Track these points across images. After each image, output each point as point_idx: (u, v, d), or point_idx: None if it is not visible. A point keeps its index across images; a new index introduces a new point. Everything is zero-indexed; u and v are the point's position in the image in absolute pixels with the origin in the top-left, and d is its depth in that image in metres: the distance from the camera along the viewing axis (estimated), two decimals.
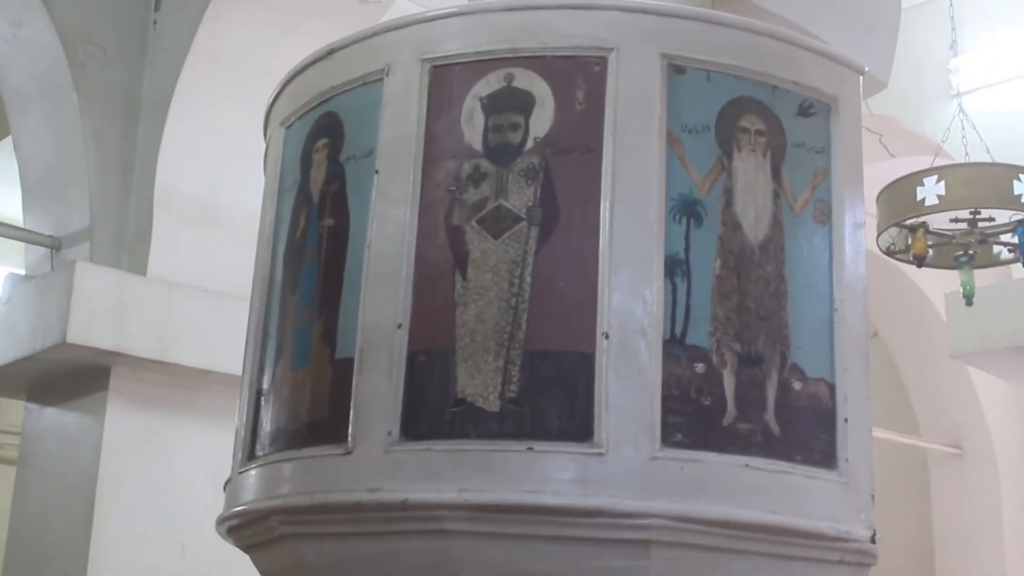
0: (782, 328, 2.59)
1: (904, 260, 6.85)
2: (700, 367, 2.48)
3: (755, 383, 2.53)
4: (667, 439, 2.41)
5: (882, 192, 6.51)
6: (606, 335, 2.44)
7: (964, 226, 6.55)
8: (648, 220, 2.52)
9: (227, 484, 2.96)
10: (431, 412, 2.48)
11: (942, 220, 6.64)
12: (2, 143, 8.05)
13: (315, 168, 2.88)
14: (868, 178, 2.87)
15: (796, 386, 2.58)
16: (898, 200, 6.37)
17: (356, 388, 2.55)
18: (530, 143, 2.60)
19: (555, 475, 2.38)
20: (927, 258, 6.60)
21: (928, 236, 6.52)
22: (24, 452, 6.80)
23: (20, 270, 7.01)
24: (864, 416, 2.65)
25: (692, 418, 2.45)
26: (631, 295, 2.47)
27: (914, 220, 6.47)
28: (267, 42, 6.41)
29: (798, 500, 2.50)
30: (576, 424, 2.41)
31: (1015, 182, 6.09)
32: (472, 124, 2.64)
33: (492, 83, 2.67)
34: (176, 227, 6.38)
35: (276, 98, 3.14)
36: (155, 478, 6.22)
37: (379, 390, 2.52)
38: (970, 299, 6.61)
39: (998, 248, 6.75)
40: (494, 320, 2.49)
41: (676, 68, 2.65)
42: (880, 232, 6.65)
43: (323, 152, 2.87)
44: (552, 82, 2.63)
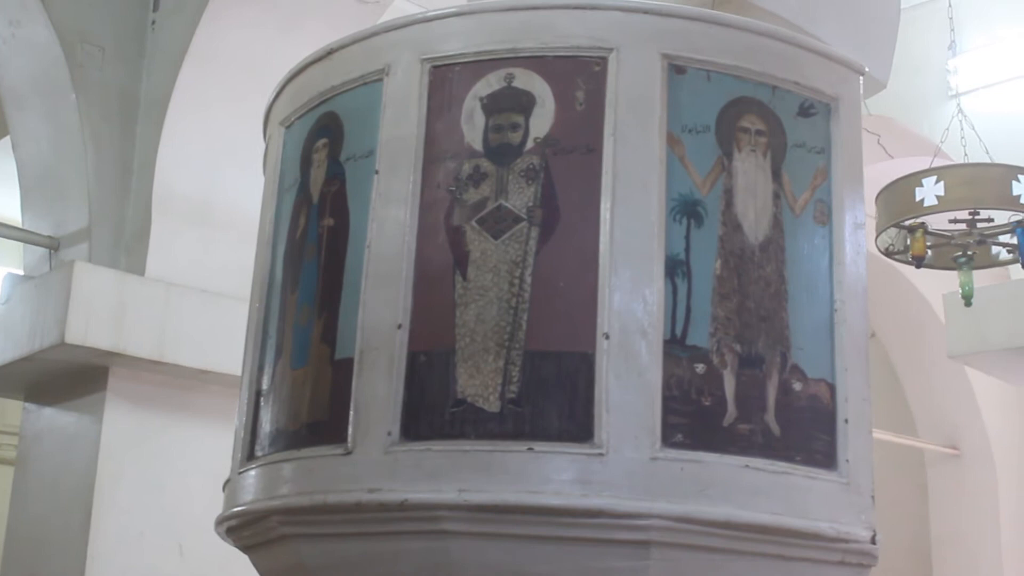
0: (782, 329, 2.59)
1: (903, 261, 6.84)
2: (700, 368, 2.48)
3: (755, 384, 2.53)
4: (667, 440, 2.41)
5: (880, 193, 6.50)
6: (606, 335, 2.44)
7: (963, 227, 6.54)
8: (649, 220, 2.51)
9: (226, 484, 2.95)
10: (431, 412, 2.48)
11: (941, 221, 6.63)
12: (0, 143, 8.03)
13: (315, 168, 2.88)
14: (866, 179, 2.86)
15: (796, 387, 2.57)
16: (897, 201, 6.36)
17: (356, 388, 2.55)
18: (530, 143, 2.60)
19: (555, 476, 2.38)
20: (926, 259, 6.60)
21: (927, 237, 6.51)
22: (22, 452, 6.80)
23: (18, 270, 7.00)
24: (864, 417, 2.65)
25: (692, 419, 2.45)
26: (631, 295, 2.47)
27: (913, 221, 6.46)
28: (265, 42, 6.41)
29: (798, 501, 2.50)
30: (576, 425, 2.41)
31: (1014, 183, 6.08)
32: (472, 124, 2.64)
33: (492, 83, 2.66)
34: (174, 227, 6.38)
35: (276, 98, 3.14)
36: (153, 478, 6.21)
37: (379, 390, 2.51)
38: (969, 300, 6.61)
39: (997, 249, 6.74)
40: (494, 320, 2.48)
41: (676, 68, 2.65)
42: (878, 233, 6.65)
43: (323, 152, 2.86)
44: (552, 82, 2.63)
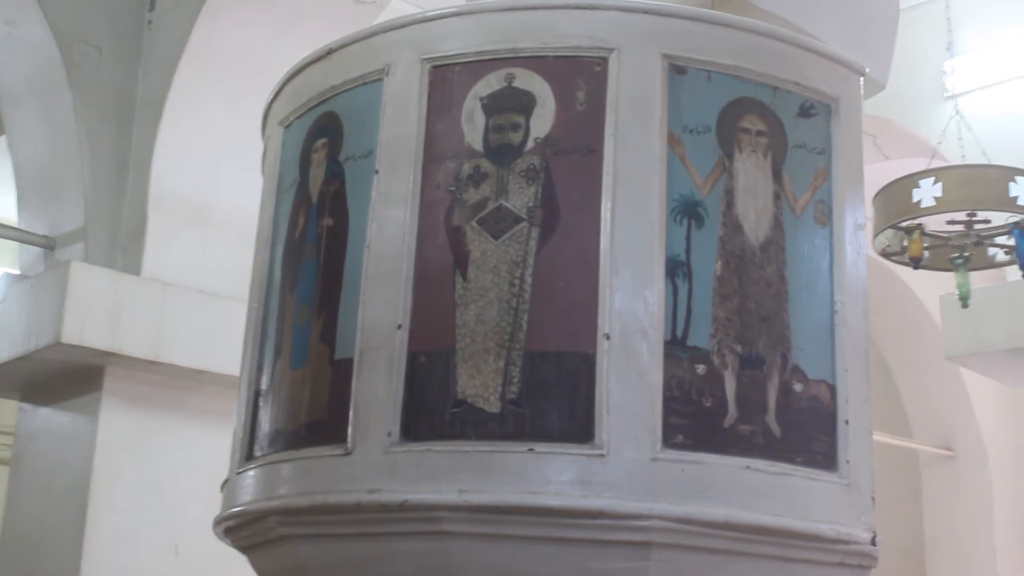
0: (783, 330, 2.59)
1: (900, 262, 6.84)
2: (701, 368, 2.48)
3: (756, 385, 2.52)
4: (668, 440, 2.41)
5: (878, 194, 6.49)
6: (607, 336, 2.43)
7: (960, 228, 6.54)
8: (649, 221, 2.51)
9: (224, 485, 2.94)
10: (431, 413, 2.47)
11: (938, 222, 6.62)
12: None
13: (314, 168, 2.87)
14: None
15: (797, 388, 2.57)
16: (894, 202, 6.36)
17: (356, 389, 2.54)
18: (531, 143, 2.59)
19: (556, 476, 2.37)
20: (923, 260, 6.59)
21: (924, 238, 6.51)
22: (17, 452, 6.79)
23: (14, 270, 7.00)
24: (865, 418, 2.65)
25: (693, 419, 2.45)
26: (632, 296, 2.46)
27: (910, 222, 6.46)
28: (262, 42, 6.40)
29: (799, 502, 2.49)
30: (577, 425, 2.40)
31: (1011, 184, 6.08)
32: (472, 124, 2.64)
33: (492, 83, 2.66)
34: (171, 227, 6.37)
35: (274, 98, 3.13)
36: (149, 478, 6.20)
37: (379, 391, 2.51)
38: (966, 301, 6.61)
39: (993, 250, 6.74)
40: (494, 321, 2.48)
41: (677, 68, 2.64)
42: (876, 234, 6.64)
43: (322, 152, 2.86)
44: (553, 82, 2.62)
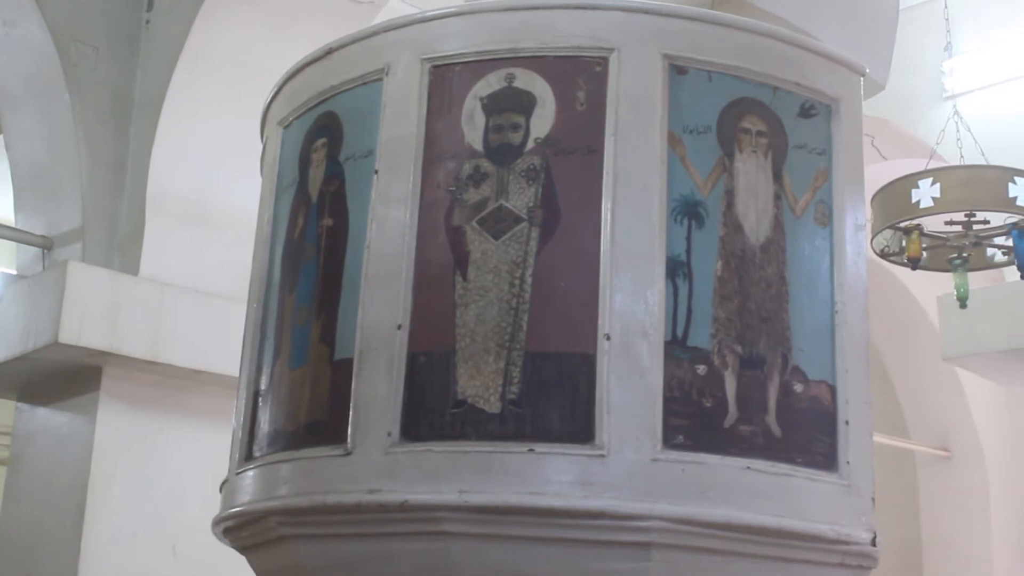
0: (783, 330, 2.58)
1: (898, 263, 6.84)
2: (702, 369, 2.47)
3: (756, 385, 2.52)
4: (668, 441, 2.41)
5: (876, 194, 6.49)
6: (607, 336, 2.43)
7: (959, 229, 6.54)
8: (650, 221, 2.51)
9: (223, 485, 2.94)
10: (431, 413, 2.47)
11: (936, 223, 6.62)
12: None
13: (314, 168, 2.87)
14: None
15: (797, 388, 2.57)
16: (892, 202, 6.36)
17: (355, 389, 2.54)
18: (531, 143, 2.59)
19: (556, 477, 2.37)
20: (921, 261, 6.59)
21: (922, 239, 6.51)
22: (15, 452, 6.78)
23: (12, 270, 6.99)
24: (865, 419, 2.65)
25: (693, 420, 2.44)
26: (633, 296, 2.46)
27: (909, 223, 6.46)
28: (260, 42, 6.39)
29: (799, 503, 2.49)
30: (577, 426, 2.40)
31: (1010, 184, 6.08)
32: (472, 124, 2.63)
33: (493, 83, 2.65)
34: (168, 227, 6.36)
35: (274, 98, 3.13)
36: (146, 479, 6.20)
37: (379, 391, 2.50)
38: (964, 302, 6.61)
39: (992, 251, 6.74)
40: (495, 321, 2.47)
41: (677, 68, 2.64)
42: (874, 235, 6.64)
43: (322, 152, 2.85)
44: (553, 82, 2.62)
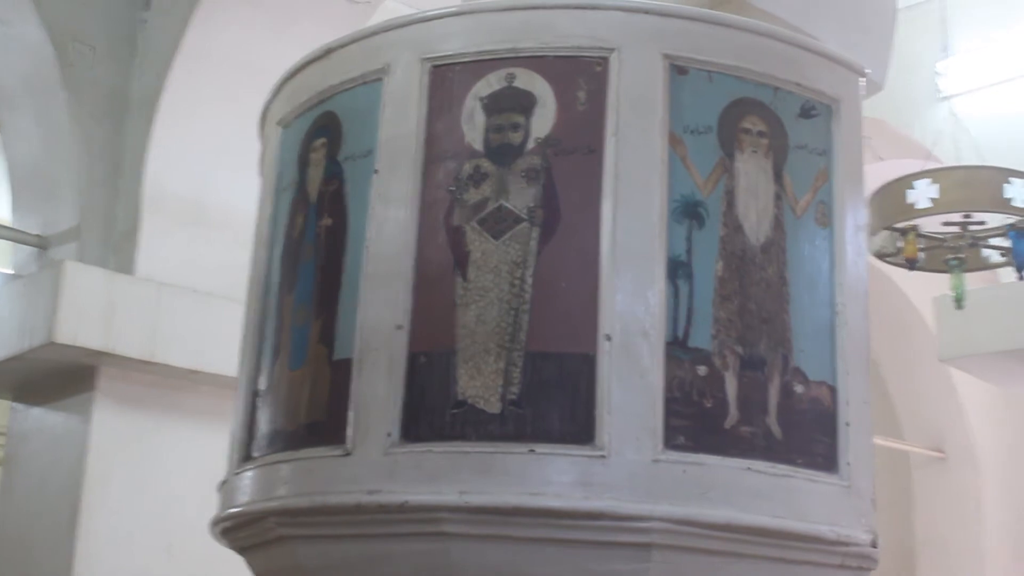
0: (784, 331, 2.58)
1: (894, 263, 6.85)
2: (702, 369, 2.47)
3: (757, 386, 2.51)
4: (669, 442, 2.40)
5: (873, 195, 6.50)
6: (608, 337, 2.42)
7: (955, 230, 6.55)
8: (650, 221, 2.50)
9: (222, 485, 2.93)
10: (431, 414, 2.46)
11: (933, 224, 6.63)
12: None
13: (313, 167, 2.86)
14: None
15: (798, 389, 2.56)
16: (889, 203, 6.37)
17: (355, 389, 2.53)
18: (531, 143, 2.58)
19: (556, 477, 2.36)
20: (918, 262, 6.60)
21: (919, 239, 6.51)
22: (10, 452, 6.77)
23: (7, 269, 6.98)
24: (865, 420, 2.66)
25: (694, 421, 2.44)
26: (633, 297, 2.45)
27: (905, 223, 6.46)
28: (257, 42, 6.39)
29: (799, 504, 2.49)
30: (578, 426, 2.39)
31: (1006, 185, 6.09)
32: (473, 124, 2.63)
33: (493, 83, 2.65)
34: (164, 227, 6.36)
35: (273, 98, 3.12)
36: (142, 479, 6.19)
37: (379, 391, 2.50)
38: (961, 303, 6.62)
39: (988, 252, 6.75)
40: (495, 321, 2.47)
41: (678, 68, 2.63)
42: (871, 236, 6.64)
43: (321, 151, 2.84)
44: (553, 82, 2.62)
